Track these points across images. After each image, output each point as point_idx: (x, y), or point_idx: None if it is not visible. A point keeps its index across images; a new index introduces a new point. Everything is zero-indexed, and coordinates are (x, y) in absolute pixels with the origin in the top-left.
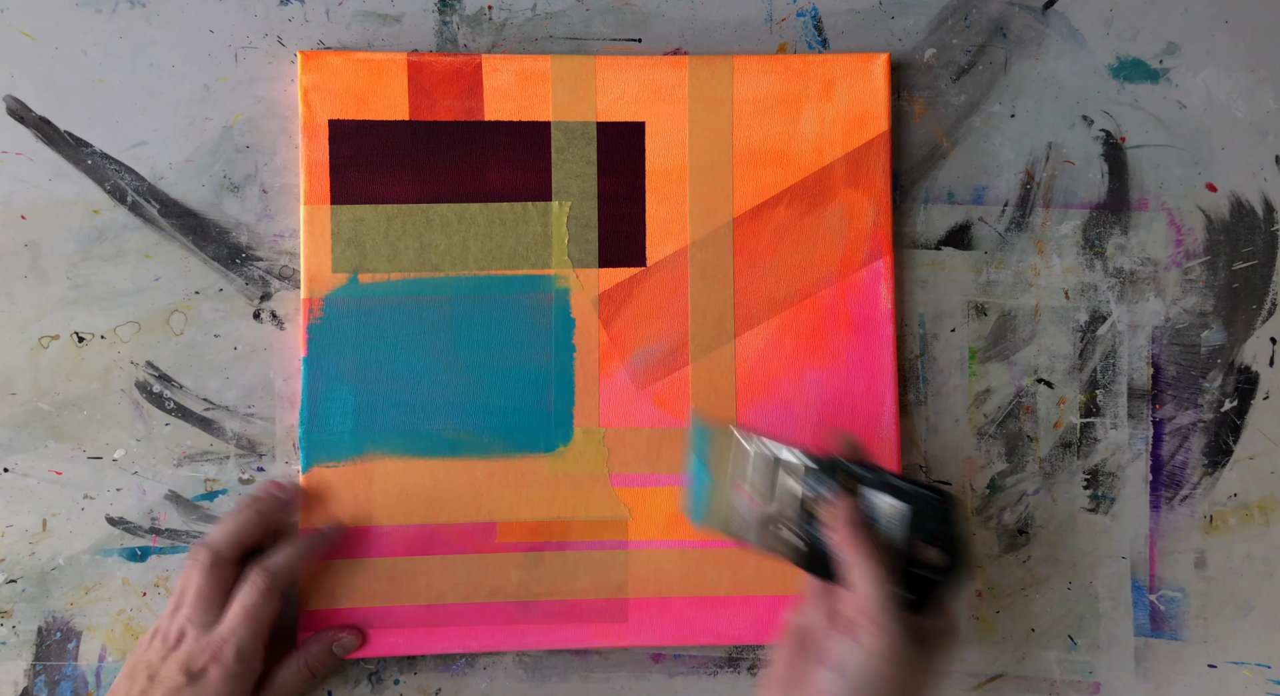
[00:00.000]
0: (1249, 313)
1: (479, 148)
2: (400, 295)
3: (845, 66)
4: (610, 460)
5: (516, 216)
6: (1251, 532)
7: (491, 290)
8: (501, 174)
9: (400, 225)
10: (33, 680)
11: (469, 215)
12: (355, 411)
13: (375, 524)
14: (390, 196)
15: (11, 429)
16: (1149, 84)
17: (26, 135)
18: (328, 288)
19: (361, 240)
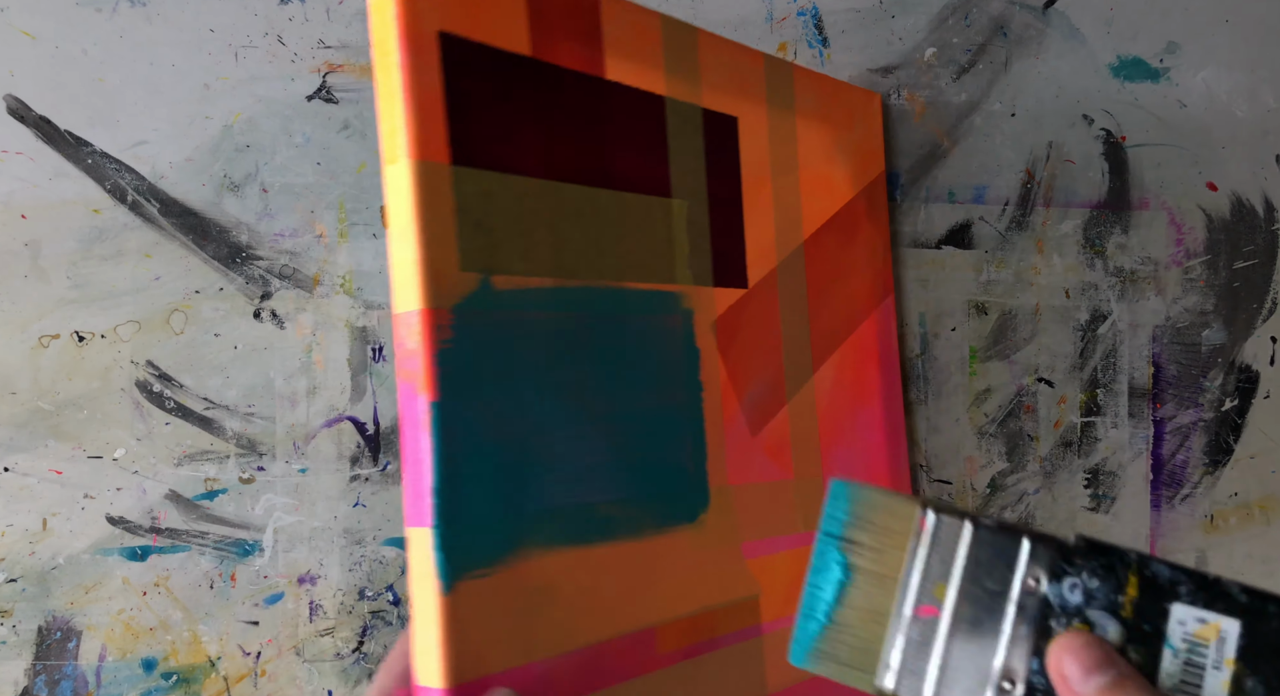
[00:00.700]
0: (1250, 312)
1: (601, 115)
2: (540, 309)
3: (855, 99)
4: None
5: (641, 213)
6: (1252, 532)
7: (626, 308)
8: (624, 154)
9: (533, 208)
10: (33, 680)
11: (601, 205)
12: (503, 486)
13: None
14: (519, 164)
15: (11, 428)
16: (1149, 83)
17: (26, 134)
18: (456, 294)
19: (491, 225)
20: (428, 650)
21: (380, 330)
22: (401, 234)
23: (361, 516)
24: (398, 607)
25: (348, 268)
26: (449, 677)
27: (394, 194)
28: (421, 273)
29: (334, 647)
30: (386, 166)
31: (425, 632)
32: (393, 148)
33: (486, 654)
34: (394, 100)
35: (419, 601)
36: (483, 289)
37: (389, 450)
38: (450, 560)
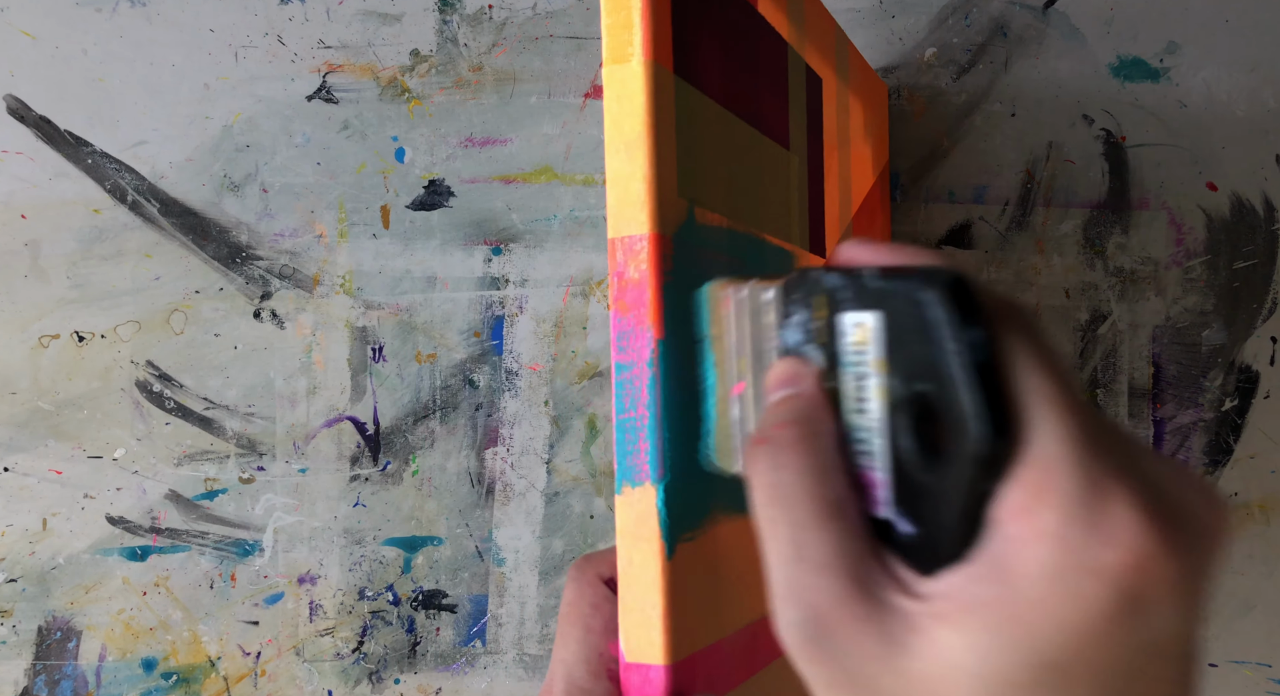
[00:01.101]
0: (1250, 312)
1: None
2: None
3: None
4: None
5: (776, 163)
6: (1252, 532)
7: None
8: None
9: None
10: (33, 679)
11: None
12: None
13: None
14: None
15: (11, 428)
16: (1149, 83)
17: (26, 134)
18: (674, 221)
19: (695, 148)
20: (646, 623)
21: (380, 330)
22: (629, 145)
23: (361, 516)
24: (397, 607)
25: (348, 268)
26: (670, 653)
27: (620, 99)
28: (651, 190)
29: (334, 647)
30: (611, 66)
31: (644, 603)
32: (621, 43)
33: (694, 628)
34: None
35: (637, 568)
36: (690, 220)
37: (389, 450)
38: (673, 520)
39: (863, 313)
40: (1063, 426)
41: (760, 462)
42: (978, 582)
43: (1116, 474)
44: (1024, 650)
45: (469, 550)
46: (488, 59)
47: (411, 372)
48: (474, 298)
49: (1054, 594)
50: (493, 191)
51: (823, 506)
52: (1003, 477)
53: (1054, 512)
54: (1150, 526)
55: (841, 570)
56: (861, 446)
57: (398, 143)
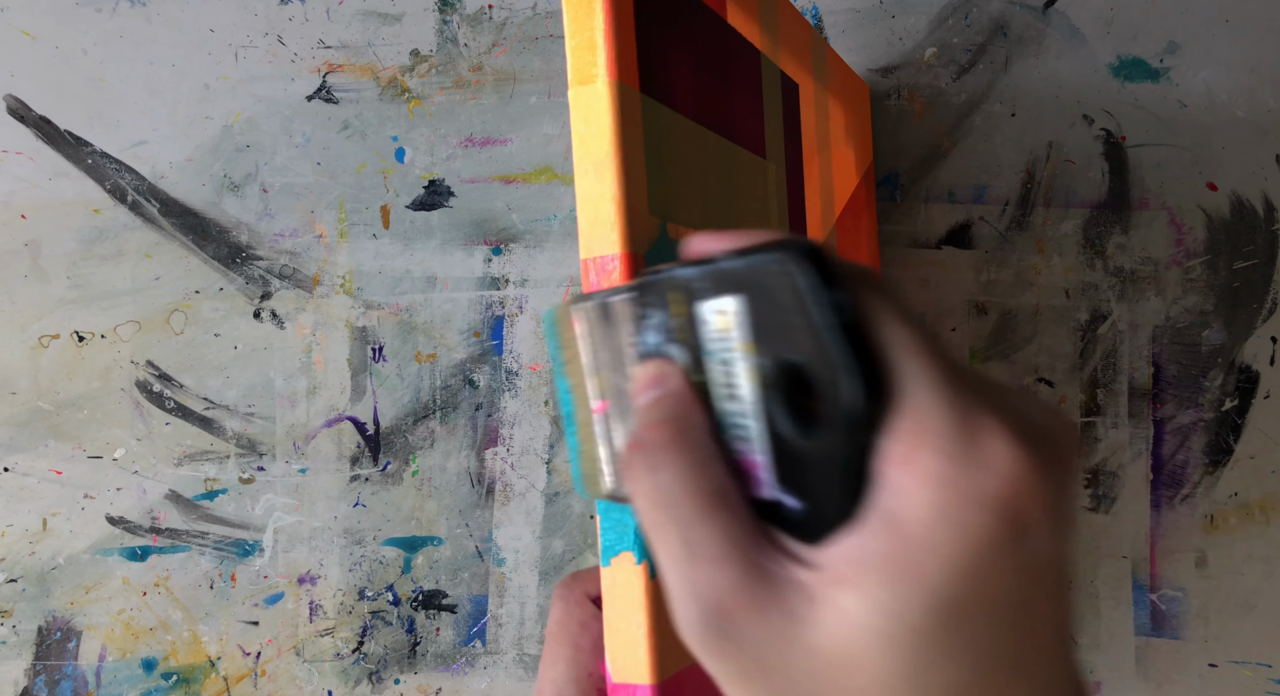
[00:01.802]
0: (1250, 312)
1: (726, 60)
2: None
3: (855, 85)
4: None
5: (752, 172)
6: (1252, 532)
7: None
8: (739, 106)
9: (688, 152)
10: (33, 679)
11: (728, 157)
12: None
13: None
14: (680, 101)
15: (11, 428)
16: (1149, 83)
17: (26, 134)
18: (646, 239)
19: (665, 165)
20: (632, 642)
21: (380, 330)
22: (597, 166)
23: (361, 516)
24: (397, 607)
25: (348, 268)
26: (656, 672)
27: (586, 120)
28: (620, 210)
29: (334, 647)
30: (576, 87)
31: (629, 622)
32: (586, 65)
33: (680, 647)
34: (592, 12)
35: (621, 587)
36: (663, 237)
37: (389, 450)
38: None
39: (722, 298)
40: (929, 373)
41: (637, 468)
42: (868, 538)
43: (984, 408)
44: (923, 595)
45: (469, 550)
46: (488, 59)
47: (411, 372)
48: (474, 298)
49: (943, 532)
50: (493, 191)
51: (706, 499)
52: (879, 431)
53: (933, 454)
54: (1021, 450)
55: (734, 559)
56: (737, 432)
57: (398, 143)
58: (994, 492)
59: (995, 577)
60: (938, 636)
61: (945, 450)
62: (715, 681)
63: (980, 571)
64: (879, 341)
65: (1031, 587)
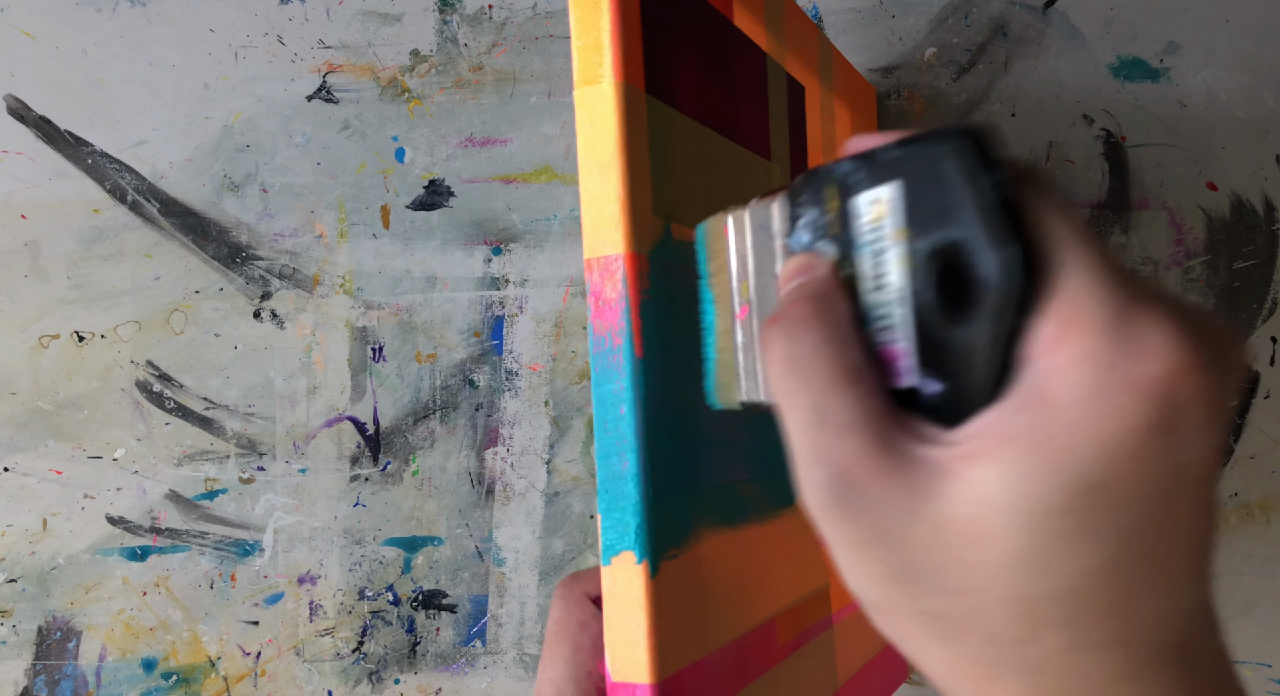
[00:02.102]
0: (1250, 312)
1: (731, 62)
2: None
3: (862, 87)
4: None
5: (756, 174)
6: (1252, 532)
7: None
8: (744, 108)
9: (692, 153)
10: (33, 679)
11: (733, 158)
12: (683, 456)
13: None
14: (685, 102)
15: (11, 428)
16: (1150, 83)
17: (26, 134)
18: (649, 239)
19: (670, 166)
20: (631, 642)
21: (380, 330)
22: (602, 166)
23: (361, 516)
24: (397, 607)
25: (348, 268)
26: (656, 671)
27: (592, 120)
28: (625, 210)
29: (334, 647)
30: (582, 87)
31: (628, 621)
32: (592, 65)
33: (680, 645)
34: (599, 13)
35: (620, 587)
36: (666, 237)
37: (389, 450)
38: (657, 539)
39: (879, 187)
40: (1090, 258)
41: (775, 339)
42: (1011, 415)
43: (1145, 296)
44: (1061, 473)
45: (469, 550)
46: (488, 59)
47: (411, 372)
48: (474, 298)
49: (1091, 413)
50: (493, 191)
51: (842, 372)
52: (1032, 313)
53: (1087, 336)
54: (1182, 340)
55: (865, 428)
56: (881, 323)
57: (398, 143)
58: (1149, 377)
59: (1140, 467)
60: (1072, 519)
61: (1101, 331)
62: (829, 548)
63: (1126, 457)
64: (1039, 225)
65: (1176, 488)
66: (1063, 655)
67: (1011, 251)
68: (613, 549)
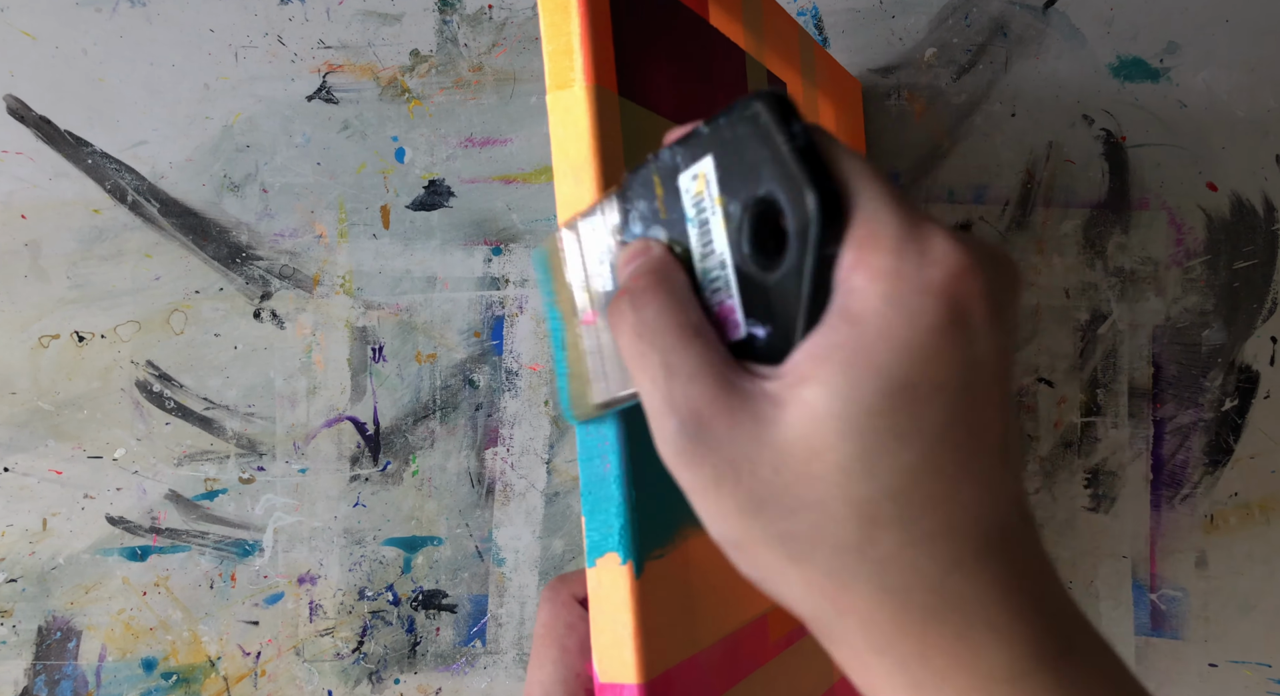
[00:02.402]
0: (1250, 312)
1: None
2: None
3: (846, 82)
4: None
5: None
6: (1252, 532)
7: None
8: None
9: None
10: (33, 679)
11: None
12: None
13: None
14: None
15: (11, 428)
16: (1149, 83)
17: (26, 134)
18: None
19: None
20: (618, 643)
21: (380, 330)
22: (576, 169)
23: (361, 516)
24: (397, 607)
25: (348, 268)
26: (643, 672)
27: (565, 124)
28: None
29: (334, 647)
30: (554, 92)
31: (615, 623)
32: (563, 70)
33: (667, 646)
34: (568, 17)
35: (606, 589)
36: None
37: (389, 450)
38: (642, 540)
39: (696, 164)
40: (880, 189)
41: (622, 309)
42: (828, 335)
43: (928, 218)
44: (873, 378)
45: (469, 550)
46: (488, 59)
47: (411, 372)
48: (474, 298)
49: (892, 317)
50: (493, 191)
51: (685, 330)
52: (839, 242)
53: (884, 252)
54: (961, 248)
55: (709, 375)
56: (714, 285)
57: (398, 143)
58: (937, 280)
59: (941, 361)
60: (889, 418)
61: (893, 248)
62: (688, 496)
63: (927, 353)
64: (835, 167)
65: (976, 382)
66: (899, 551)
67: (811, 186)
68: (597, 550)
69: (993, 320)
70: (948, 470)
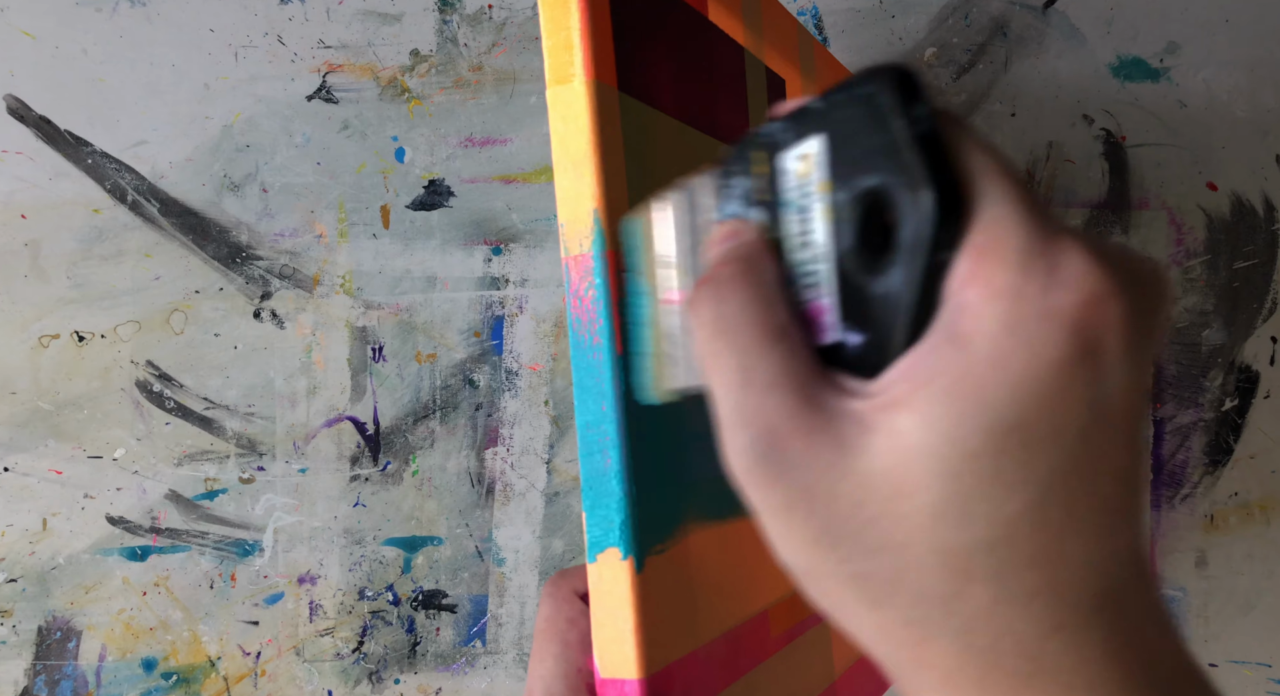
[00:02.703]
0: (1250, 312)
1: (708, 57)
2: None
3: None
4: None
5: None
6: (1252, 532)
7: None
8: (722, 104)
9: (669, 149)
10: (33, 679)
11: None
12: (668, 450)
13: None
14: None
15: (11, 428)
16: (1150, 83)
17: (26, 134)
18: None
19: (646, 162)
20: (618, 638)
21: (380, 330)
22: (576, 165)
23: (361, 516)
24: (397, 607)
25: (348, 268)
26: (644, 667)
27: (564, 119)
28: (600, 208)
29: (334, 647)
30: (554, 87)
31: (615, 617)
32: (562, 65)
33: (668, 640)
34: (568, 12)
35: (606, 583)
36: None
37: (389, 450)
38: (642, 535)
39: (804, 142)
40: (1009, 192)
41: (702, 301)
42: (927, 356)
43: (1061, 229)
44: (979, 414)
45: (469, 550)
46: (488, 59)
47: (411, 372)
48: (474, 297)
49: (1010, 346)
50: (493, 191)
51: (767, 332)
52: (951, 249)
53: (1005, 267)
54: (1098, 268)
55: (790, 387)
56: (807, 281)
57: (398, 143)
58: (1066, 306)
59: (1061, 403)
60: (993, 462)
61: (1018, 263)
62: (758, 515)
63: (1044, 392)
64: (959, 162)
65: (1098, 425)
66: (991, 609)
67: (929, 183)
68: (598, 545)
69: (1129, 355)
70: (1056, 523)
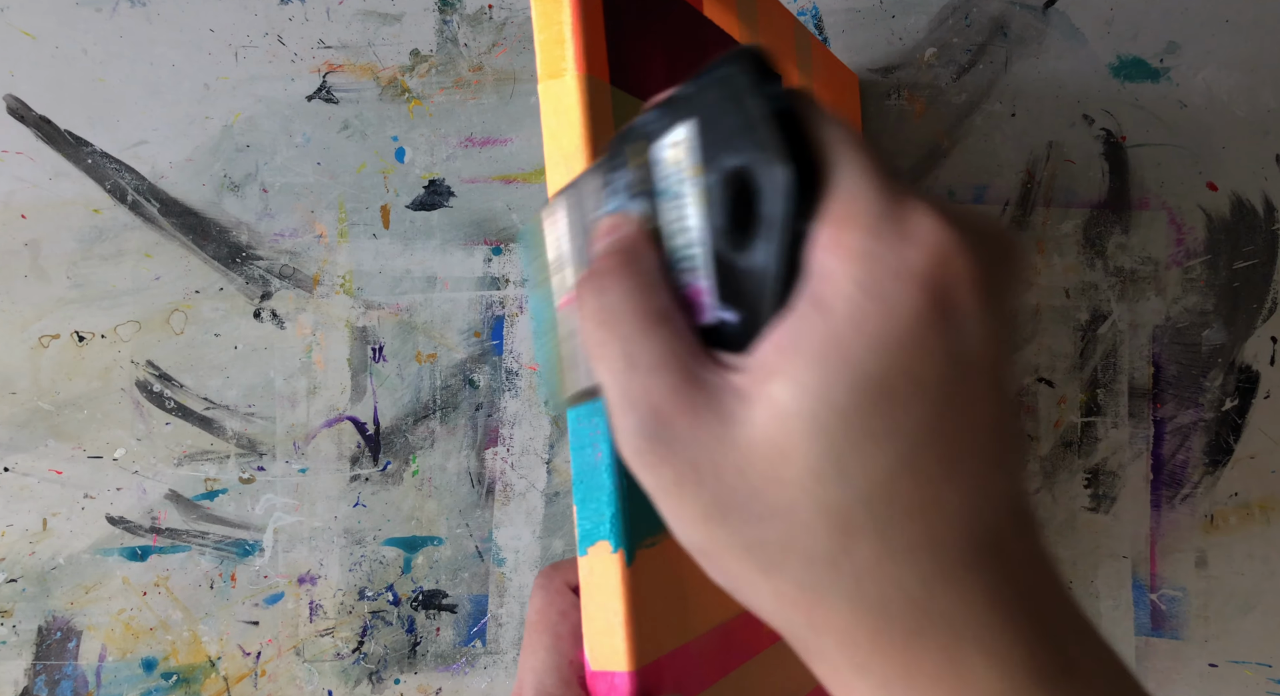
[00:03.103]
0: (1250, 312)
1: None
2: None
3: (844, 76)
4: None
5: None
6: (1252, 532)
7: None
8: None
9: None
10: (33, 679)
11: None
12: None
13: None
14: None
15: (11, 428)
16: (1150, 83)
17: (26, 134)
18: None
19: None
20: (609, 630)
21: (380, 330)
22: (568, 158)
23: (361, 516)
24: (397, 607)
25: (348, 268)
26: (634, 659)
27: (556, 113)
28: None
29: (334, 647)
30: (546, 82)
31: (606, 610)
32: (554, 59)
33: (659, 633)
34: (560, 6)
35: (597, 576)
36: None
37: (389, 450)
38: (633, 528)
39: (675, 129)
40: (861, 161)
41: (586, 293)
42: (796, 323)
43: (913, 194)
44: (849, 373)
45: (469, 550)
46: (488, 59)
47: (411, 372)
48: (474, 297)
49: (867, 306)
50: (493, 191)
51: (649, 318)
52: (812, 218)
53: (860, 231)
54: (945, 227)
55: (673, 367)
56: (686, 264)
57: (398, 143)
58: (919, 264)
59: (923, 358)
60: (864, 419)
61: (872, 226)
62: (652, 498)
63: (906, 349)
64: (813, 135)
65: (964, 380)
66: (877, 564)
67: (785, 157)
68: (589, 538)
69: (983, 307)
70: (930, 474)
